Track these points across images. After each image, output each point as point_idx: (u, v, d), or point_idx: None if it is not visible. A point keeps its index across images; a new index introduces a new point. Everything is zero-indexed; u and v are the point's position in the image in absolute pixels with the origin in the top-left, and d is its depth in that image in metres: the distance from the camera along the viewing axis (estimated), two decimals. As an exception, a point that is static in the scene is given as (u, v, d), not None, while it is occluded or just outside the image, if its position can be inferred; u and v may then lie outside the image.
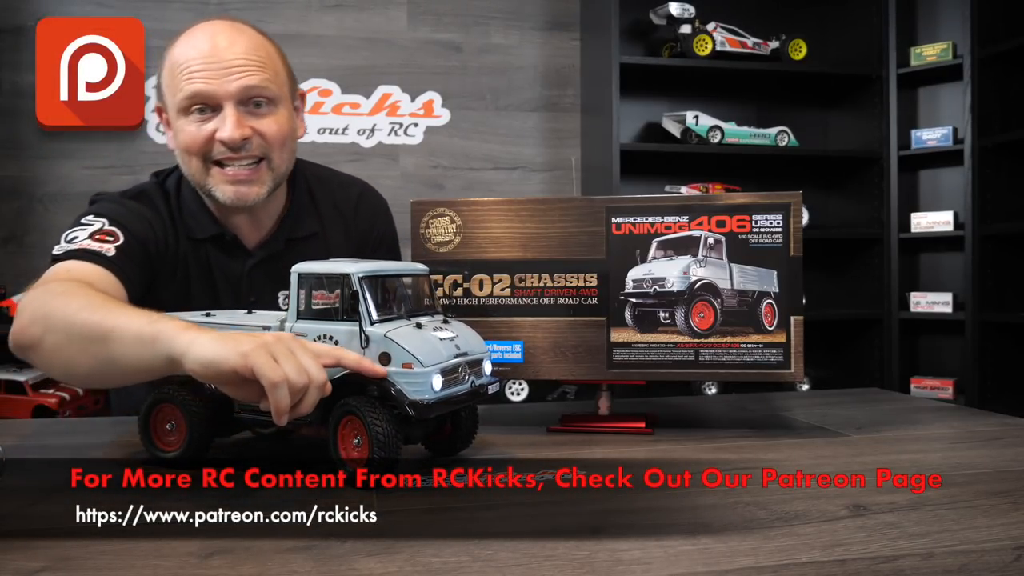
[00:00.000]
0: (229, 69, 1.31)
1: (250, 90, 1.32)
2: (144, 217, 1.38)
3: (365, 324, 0.95)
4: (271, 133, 1.35)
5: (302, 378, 0.88)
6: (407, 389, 0.92)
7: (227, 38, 1.33)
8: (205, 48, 1.32)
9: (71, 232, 1.32)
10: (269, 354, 0.88)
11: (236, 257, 1.43)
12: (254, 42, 1.35)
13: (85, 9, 3.24)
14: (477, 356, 1.03)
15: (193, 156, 1.34)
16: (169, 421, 1.04)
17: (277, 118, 1.36)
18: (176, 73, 1.33)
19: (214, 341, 0.92)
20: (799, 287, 1.24)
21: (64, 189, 3.24)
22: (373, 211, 1.57)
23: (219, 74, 1.30)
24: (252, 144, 1.34)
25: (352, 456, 0.93)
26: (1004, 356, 3.35)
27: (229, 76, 1.30)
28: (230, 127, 1.30)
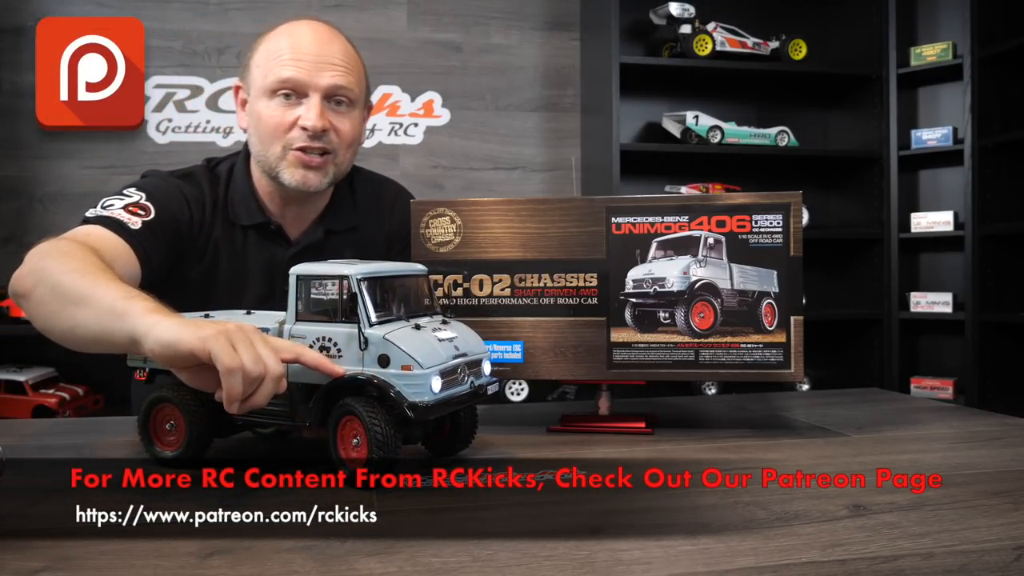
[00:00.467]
0: (322, 64, 1.39)
1: (337, 88, 1.40)
2: (184, 197, 1.43)
3: (364, 326, 0.95)
4: (344, 131, 1.42)
5: (258, 368, 0.89)
6: (406, 391, 0.92)
7: (325, 37, 1.43)
8: (304, 40, 1.41)
9: (109, 199, 1.37)
10: (228, 341, 0.89)
11: (278, 246, 1.48)
12: (347, 47, 1.45)
13: (85, 9, 3.24)
14: (476, 356, 1.03)
15: (275, 140, 1.40)
16: (169, 421, 1.04)
17: (352, 119, 1.44)
18: (271, 57, 1.41)
19: (176, 324, 0.93)
20: (799, 287, 1.24)
21: (64, 189, 3.24)
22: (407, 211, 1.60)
23: (313, 66, 1.39)
24: (327, 136, 1.40)
25: (351, 456, 0.93)
26: (1004, 356, 3.35)
27: (322, 70, 1.39)
28: (315, 116, 1.38)
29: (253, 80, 1.44)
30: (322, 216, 1.52)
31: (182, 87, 3.34)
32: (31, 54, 3.11)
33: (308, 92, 1.39)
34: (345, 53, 1.43)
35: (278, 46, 1.41)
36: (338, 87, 1.40)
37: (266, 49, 1.43)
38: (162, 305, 1.01)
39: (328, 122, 1.40)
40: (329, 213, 1.52)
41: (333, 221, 1.52)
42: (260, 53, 1.44)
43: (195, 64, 3.35)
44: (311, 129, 1.38)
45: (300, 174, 1.41)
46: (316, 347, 0.97)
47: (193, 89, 3.35)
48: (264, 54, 1.43)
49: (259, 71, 1.43)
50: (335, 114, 1.41)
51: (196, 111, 3.35)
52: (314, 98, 1.39)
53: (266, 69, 1.41)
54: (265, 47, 1.44)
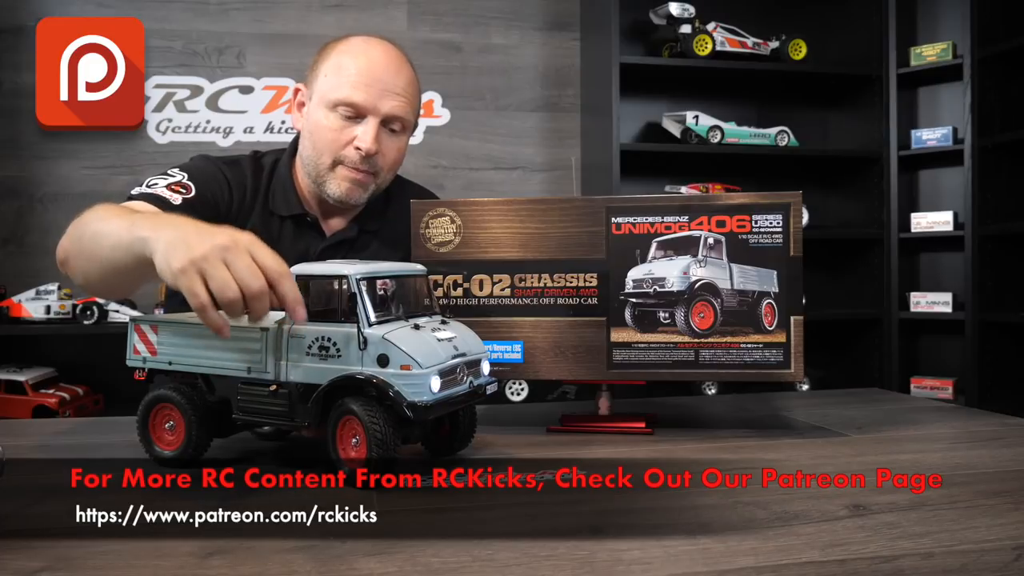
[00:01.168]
0: (387, 92, 1.45)
1: (395, 117, 1.47)
2: (226, 180, 1.50)
3: (363, 326, 0.95)
4: (391, 156, 1.50)
5: (228, 294, 0.90)
6: (405, 391, 0.92)
7: (396, 64, 1.48)
8: (377, 65, 1.46)
9: (153, 178, 1.44)
10: (198, 272, 0.91)
11: (312, 238, 1.53)
12: (412, 76, 1.51)
13: (85, 9, 3.24)
14: (475, 356, 1.03)
15: (329, 153, 1.46)
16: (168, 421, 1.04)
17: (400, 145, 1.51)
18: (342, 73, 1.45)
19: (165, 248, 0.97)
20: (799, 287, 1.24)
21: (64, 189, 3.24)
22: None
23: (379, 93, 1.44)
24: (376, 159, 1.46)
25: (350, 456, 0.93)
26: (1004, 356, 3.35)
27: (385, 98, 1.45)
28: (369, 139, 1.44)
29: (319, 88, 1.48)
30: (358, 216, 1.57)
31: (182, 87, 3.34)
32: (31, 54, 3.11)
33: (368, 115, 1.44)
34: (410, 83, 1.49)
35: (353, 65, 1.45)
36: (396, 117, 1.46)
37: (338, 63, 1.47)
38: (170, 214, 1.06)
39: (379, 146, 1.45)
40: (363, 212, 1.58)
41: (367, 220, 1.57)
42: (331, 64, 1.47)
43: (195, 64, 3.35)
44: (365, 151, 1.44)
45: (346, 187, 1.47)
46: (315, 347, 0.97)
47: (193, 89, 3.35)
48: (335, 67, 1.46)
49: (327, 82, 1.46)
50: (387, 137, 1.47)
51: (196, 111, 3.35)
52: (372, 122, 1.44)
53: (335, 83, 1.45)
54: (337, 60, 1.47)
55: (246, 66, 3.39)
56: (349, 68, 1.45)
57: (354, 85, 1.43)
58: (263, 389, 1.00)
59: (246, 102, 3.39)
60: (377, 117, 1.44)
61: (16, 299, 2.96)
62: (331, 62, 1.48)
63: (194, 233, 0.97)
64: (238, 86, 3.38)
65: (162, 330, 1.08)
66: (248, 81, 3.39)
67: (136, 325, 1.10)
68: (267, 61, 3.39)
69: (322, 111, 1.46)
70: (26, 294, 2.96)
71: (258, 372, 1.00)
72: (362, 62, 1.45)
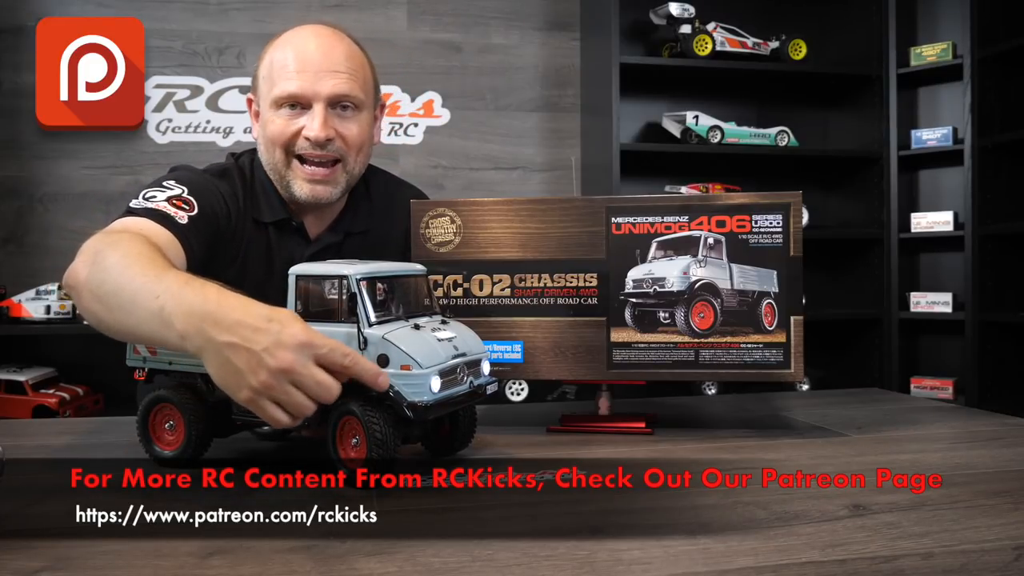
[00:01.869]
0: (323, 73, 1.38)
1: (340, 96, 1.39)
2: (222, 195, 1.42)
3: (364, 326, 0.95)
4: (351, 137, 1.42)
5: (306, 412, 0.90)
6: (405, 391, 0.92)
7: (327, 43, 1.41)
8: (305, 50, 1.40)
9: (150, 190, 1.34)
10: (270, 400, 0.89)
11: (297, 243, 1.48)
12: (350, 50, 1.43)
13: (85, 9, 3.24)
14: (475, 356, 1.03)
15: (277, 147, 1.41)
16: (168, 421, 1.04)
17: (359, 123, 1.43)
18: (275, 69, 1.40)
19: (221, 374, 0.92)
20: (799, 287, 1.24)
21: (64, 189, 3.23)
22: None
23: (314, 77, 1.38)
24: (333, 144, 1.40)
25: (351, 456, 0.93)
26: (1004, 356, 3.35)
27: (323, 80, 1.38)
28: (317, 126, 1.37)
29: (261, 93, 1.44)
30: (341, 217, 1.52)
31: (182, 87, 3.34)
32: (31, 54, 3.11)
33: (311, 102, 1.38)
34: (349, 58, 1.42)
35: (282, 58, 1.41)
36: (341, 95, 1.39)
37: (271, 61, 1.43)
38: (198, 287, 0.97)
39: (333, 130, 1.39)
40: (347, 215, 1.52)
41: (352, 223, 1.51)
42: (265, 65, 1.44)
43: (195, 64, 3.35)
44: (314, 140, 1.38)
45: (308, 188, 1.41)
46: None
47: (193, 89, 3.35)
48: (269, 66, 1.42)
49: (265, 84, 1.42)
50: (341, 120, 1.40)
51: (196, 111, 3.35)
52: (317, 108, 1.38)
53: (271, 82, 1.41)
54: (270, 58, 1.43)
55: (246, 66, 3.38)
56: (283, 61, 1.40)
57: (287, 77, 1.38)
58: None
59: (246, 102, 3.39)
60: (320, 101, 1.38)
61: (16, 299, 2.96)
62: (266, 62, 1.43)
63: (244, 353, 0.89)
64: (238, 86, 3.37)
65: None
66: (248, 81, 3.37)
67: None
68: (267, 61, 3.39)
69: (270, 113, 1.41)
70: (26, 294, 2.96)
71: None
72: (290, 52, 1.40)
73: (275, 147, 1.41)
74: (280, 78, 1.39)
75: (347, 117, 1.41)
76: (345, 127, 1.41)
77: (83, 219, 3.19)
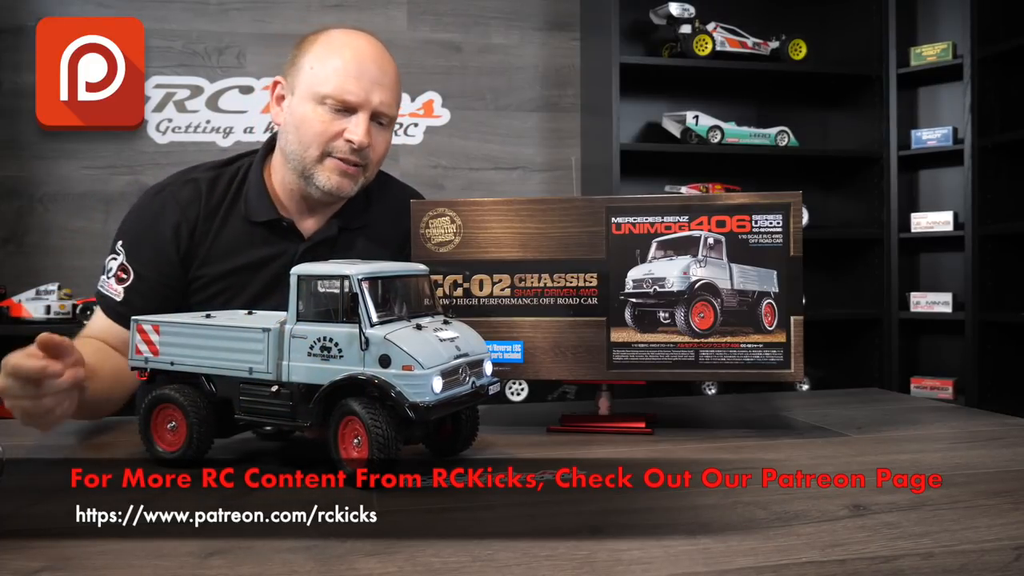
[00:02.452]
0: (376, 85, 1.43)
1: (384, 110, 1.44)
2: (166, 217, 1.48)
3: (365, 326, 0.94)
4: (379, 149, 1.48)
5: None
6: (407, 391, 0.92)
7: (382, 57, 1.46)
8: (364, 58, 1.44)
9: (107, 262, 1.48)
10: None
11: (291, 241, 1.51)
12: (396, 70, 1.49)
13: (85, 9, 3.24)
14: (478, 357, 1.03)
15: (314, 145, 1.44)
16: (170, 421, 1.04)
17: (386, 138, 1.50)
18: (329, 67, 1.42)
19: None
20: (799, 287, 1.24)
21: (64, 189, 3.23)
22: None
23: (369, 86, 1.42)
24: (366, 152, 1.45)
25: (352, 456, 0.93)
26: (1004, 356, 3.35)
27: (375, 91, 1.42)
28: (362, 132, 1.42)
29: (304, 80, 1.44)
30: (337, 214, 1.54)
31: (182, 87, 3.34)
32: (31, 54, 3.11)
33: (358, 110, 1.42)
34: (395, 76, 1.48)
35: (340, 59, 1.42)
36: (384, 109, 1.44)
37: (323, 56, 1.44)
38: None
39: (370, 139, 1.44)
40: (343, 212, 1.54)
41: (347, 219, 1.54)
42: (315, 57, 1.44)
43: (195, 64, 3.35)
44: (357, 144, 1.42)
45: (336, 179, 1.44)
46: (317, 347, 0.97)
47: (193, 89, 3.35)
48: (320, 61, 1.43)
49: (313, 75, 1.43)
50: (376, 131, 1.45)
51: (196, 111, 3.35)
52: (363, 116, 1.42)
53: (322, 76, 1.42)
54: (323, 53, 1.44)
55: (246, 66, 3.38)
56: (336, 61, 1.42)
57: (344, 78, 1.41)
58: (265, 389, 1.00)
59: (246, 102, 3.39)
60: (368, 110, 1.42)
61: (16, 299, 2.96)
62: (315, 54, 1.44)
63: None
64: (238, 86, 3.38)
65: (164, 330, 1.08)
66: (248, 81, 3.39)
67: (138, 325, 1.10)
68: (267, 61, 3.39)
69: (309, 105, 1.42)
70: (26, 294, 2.96)
71: (260, 372, 1.00)
72: (348, 55, 1.42)
73: (312, 144, 1.44)
74: (336, 78, 1.41)
75: (380, 130, 1.47)
76: (377, 139, 1.46)
77: (83, 219, 3.19)
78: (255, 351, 1.00)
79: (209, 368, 1.04)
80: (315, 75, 1.43)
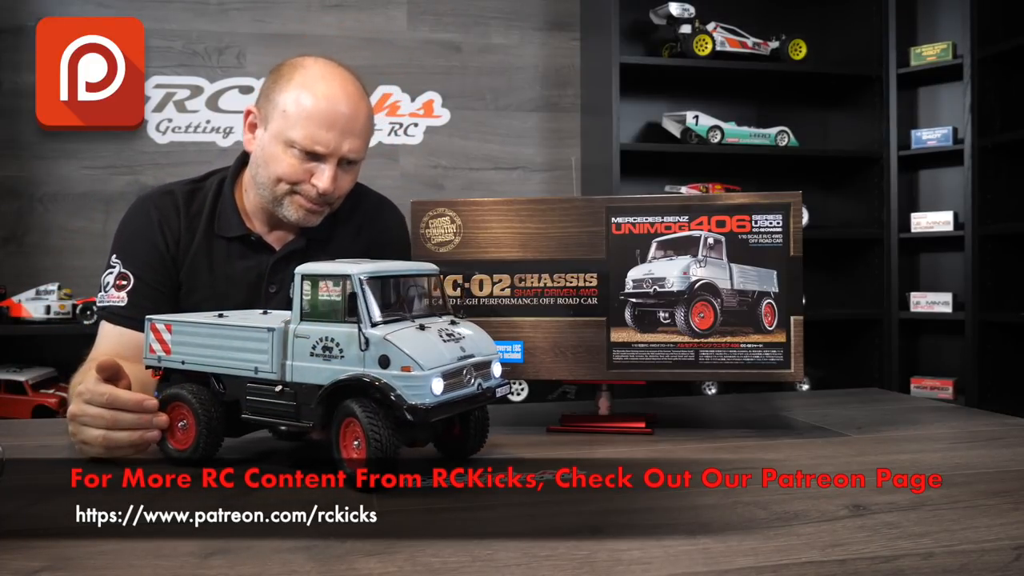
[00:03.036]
0: (346, 134, 1.42)
1: (352, 157, 1.45)
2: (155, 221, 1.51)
3: (365, 326, 0.94)
4: (345, 187, 1.49)
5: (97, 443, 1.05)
6: (406, 393, 0.91)
7: (354, 103, 1.44)
8: (335, 107, 1.41)
9: (105, 276, 1.50)
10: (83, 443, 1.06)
11: (261, 254, 1.53)
12: (368, 112, 1.48)
13: (85, 9, 3.24)
14: (485, 358, 1.01)
15: (283, 183, 1.45)
16: (181, 420, 1.04)
17: (352, 176, 1.50)
18: (300, 110, 1.41)
19: None
20: (799, 287, 1.25)
21: (64, 189, 3.23)
22: (390, 222, 1.68)
23: (339, 137, 1.41)
24: (331, 195, 1.46)
25: (352, 457, 0.92)
26: (1004, 356, 3.35)
27: (344, 141, 1.42)
28: (327, 180, 1.42)
29: (276, 120, 1.44)
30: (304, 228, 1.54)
31: (182, 87, 3.34)
32: (31, 54, 3.11)
33: (327, 159, 1.42)
34: (365, 119, 1.46)
35: (312, 103, 1.41)
36: (351, 158, 1.45)
37: (296, 98, 1.42)
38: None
39: (335, 183, 1.44)
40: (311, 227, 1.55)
41: (315, 230, 1.54)
42: (289, 98, 1.42)
43: (195, 64, 3.35)
44: (323, 192, 1.43)
45: (302, 214, 1.47)
46: (319, 347, 0.97)
47: (193, 89, 3.35)
48: (294, 103, 1.42)
49: (285, 119, 1.42)
50: (342, 173, 1.46)
51: (196, 111, 3.35)
52: (331, 163, 1.42)
53: (294, 120, 1.41)
54: (295, 95, 1.42)
55: (246, 66, 3.38)
56: (308, 105, 1.40)
57: (315, 127, 1.40)
58: (270, 389, 1.00)
59: (246, 102, 3.38)
60: (336, 158, 1.42)
61: (16, 299, 2.96)
62: (290, 95, 1.43)
63: None
64: (238, 86, 3.37)
65: (176, 329, 1.09)
66: (248, 81, 3.38)
67: (152, 324, 1.11)
68: (267, 61, 3.38)
69: (279, 146, 1.42)
70: (26, 294, 2.95)
71: (265, 372, 1.00)
72: (321, 101, 1.40)
73: (281, 183, 1.45)
74: (307, 127, 1.40)
75: (348, 171, 1.47)
76: (344, 179, 1.47)
77: (83, 219, 3.19)
78: (261, 351, 1.00)
79: (217, 367, 1.04)
80: (287, 119, 1.42)
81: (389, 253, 1.57)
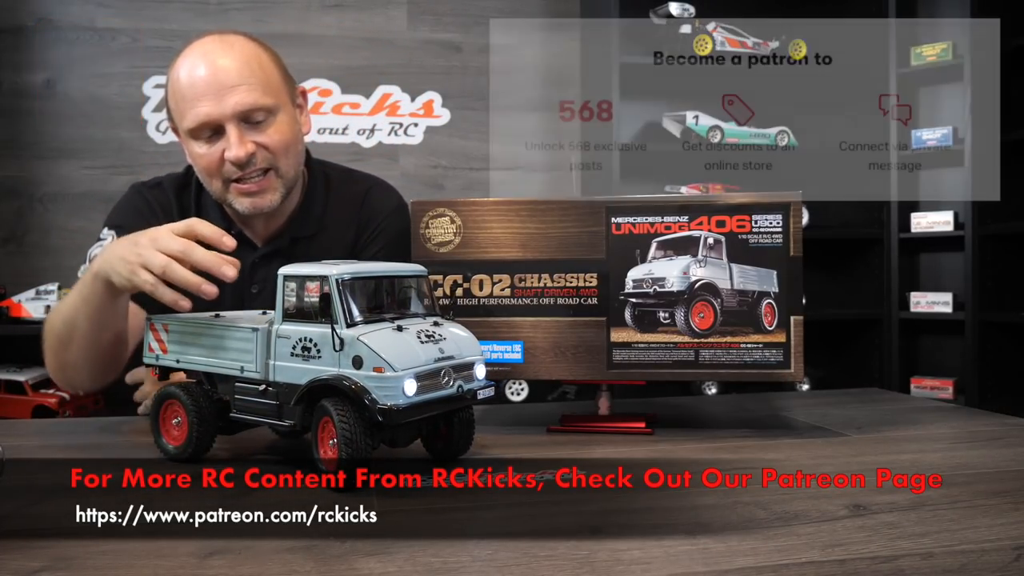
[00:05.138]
0: (224, 91, 1.35)
1: (245, 110, 1.37)
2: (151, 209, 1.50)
3: (340, 326, 0.93)
4: (273, 144, 1.40)
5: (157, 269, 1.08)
6: (378, 393, 0.90)
7: (219, 59, 1.37)
8: (200, 73, 1.37)
9: (93, 249, 1.43)
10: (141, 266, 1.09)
11: (243, 251, 1.47)
12: (245, 56, 1.39)
13: (85, 9, 3.24)
14: (466, 360, 1.00)
15: (213, 178, 1.41)
16: (176, 417, 1.05)
17: (278, 127, 1.41)
18: (178, 98, 1.39)
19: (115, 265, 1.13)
20: (799, 287, 1.24)
21: (64, 189, 3.23)
22: (377, 207, 1.60)
23: (216, 99, 1.35)
24: (258, 158, 1.39)
25: (329, 456, 0.92)
26: (1004, 356, 3.35)
27: (225, 99, 1.35)
28: (235, 147, 1.36)
29: (176, 123, 1.44)
30: (290, 222, 1.52)
31: (182, 87, 3.34)
32: (31, 54, 3.11)
33: (222, 124, 1.36)
34: (244, 66, 1.38)
35: (181, 86, 1.38)
36: (246, 109, 1.37)
37: (173, 92, 1.40)
38: None
39: (251, 144, 1.38)
40: (297, 219, 1.52)
41: (300, 228, 1.52)
42: (171, 97, 1.42)
43: (195, 64, 3.34)
44: (235, 160, 1.37)
45: (248, 202, 1.42)
46: (299, 347, 0.97)
47: (193, 89, 3.35)
48: (173, 98, 1.41)
49: (176, 114, 1.42)
50: (257, 131, 1.39)
51: (196, 111, 3.35)
52: (230, 128, 1.36)
53: (179, 114, 1.40)
54: (172, 90, 1.41)
55: (246, 66, 3.38)
56: (182, 90, 1.38)
57: (192, 104, 1.36)
58: (255, 388, 1.01)
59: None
60: (232, 121, 1.36)
61: (16, 299, 2.96)
62: (170, 89, 1.41)
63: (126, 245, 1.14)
64: (238, 86, 3.37)
65: (172, 328, 1.10)
66: (248, 81, 3.38)
67: (151, 323, 1.12)
68: (267, 61, 3.38)
69: (188, 144, 1.41)
70: (26, 294, 2.95)
71: (250, 372, 1.01)
72: (185, 79, 1.37)
73: (211, 178, 1.42)
74: (187, 108, 1.37)
75: (263, 127, 1.39)
76: (263, 136, 1.39)
77: (83, 219, 3.19)
78: (246, 351, 1.01)
79: (207, 366, 1.06)
80: (176, 112, 1.41)
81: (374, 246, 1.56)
